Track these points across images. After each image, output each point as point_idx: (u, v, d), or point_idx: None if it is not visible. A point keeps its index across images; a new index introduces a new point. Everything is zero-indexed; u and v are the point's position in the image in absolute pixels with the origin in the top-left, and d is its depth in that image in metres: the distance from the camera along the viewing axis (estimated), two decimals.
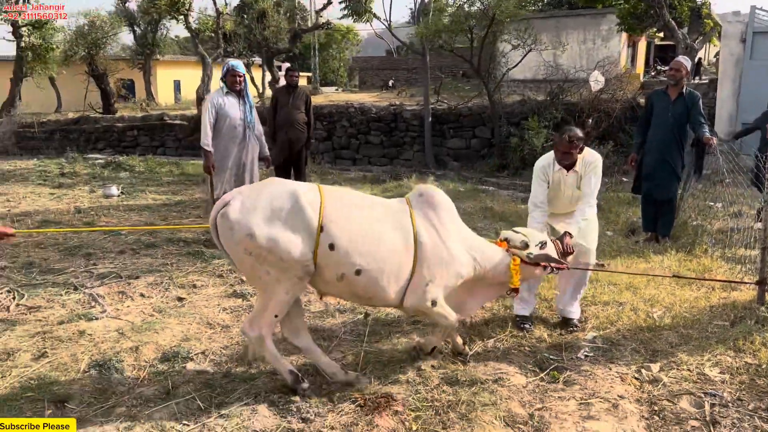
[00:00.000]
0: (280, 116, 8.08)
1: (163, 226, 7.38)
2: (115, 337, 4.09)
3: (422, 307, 3.42)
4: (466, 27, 11.32)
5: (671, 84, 6.30)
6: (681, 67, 6.21)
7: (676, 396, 3.38)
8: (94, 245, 6.50)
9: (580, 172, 4.21)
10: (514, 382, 3.54)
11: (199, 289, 5.15)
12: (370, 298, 3.36)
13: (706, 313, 4.52)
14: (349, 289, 3.28)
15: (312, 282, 3.27)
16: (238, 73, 6.11)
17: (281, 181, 3.37)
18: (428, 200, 3.46)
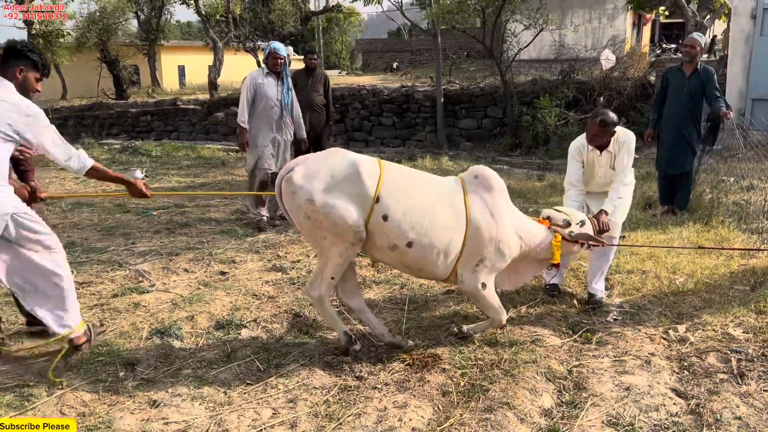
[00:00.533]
0: (299, 99, 8.24)
1: (236, 193, 7.61)
2: (169, 308, 4.33)
3: (473, 289, 3.56)
4: (478, 7, 11.45)
5: (686, 60, 6.47)
6: (696, 44, 6.37)
7: (703, 353, 3.61)
8: (130, 225, 6.74)
9: (614, 152, 4.29)
10: (551, 342, 3.78)
11: (239, 264, 5.38)
12: (420, 269, 3.54)
13: (726, 278, 4.74)
14: (400, 260, 3.46)
15: (365, 248, 3.47)
16: (280, 56, 6.27)
17: (344, 152, 3.51)
18: (483, 182, 3.58)
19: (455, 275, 3.55)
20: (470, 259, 3.50)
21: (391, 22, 44.32)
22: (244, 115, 6.28)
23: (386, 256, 3.48)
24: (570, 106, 11.98)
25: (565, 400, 3.16)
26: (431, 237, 3.37)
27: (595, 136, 4.24)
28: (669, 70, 6.84)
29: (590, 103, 12.14)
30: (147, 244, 6.04)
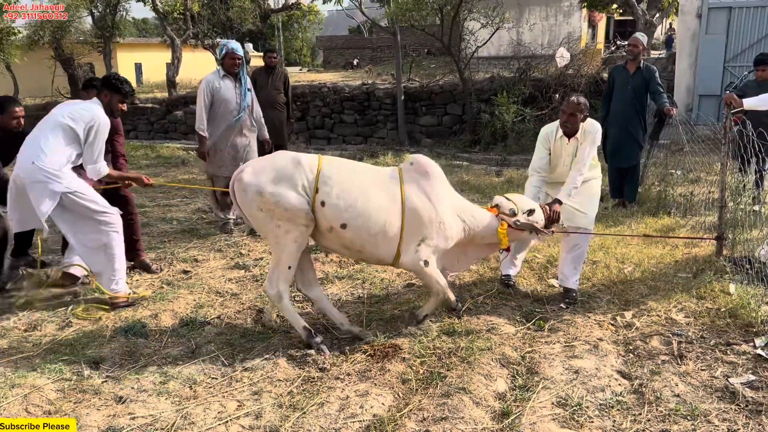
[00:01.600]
0: (260, 97, 8.19)
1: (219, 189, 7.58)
2: (133, 307, 4.37)
3: (416, 267, 3.79)
4: (436, 6, 11.62)
5: (629, 59, 6.81)
6: (638, 43, 6.72)
7: (647, 337, 3.83)
8: None
9: (580, 139, 4.37)
10: (505, 331, 3.95)
11: (201, 263, 5.44)
12: (358, 250, 3.75)
13: (671, 267, 5.00)
14: (339, 241, 3.70)
15: (313, 236, 3.72)
16: (237, 56, 5.99)
17: (288, 152, 3.81)
18: (419, 168, 3.82)
19: (399, 258, 3.78)
20: (411, 239, 3.74)
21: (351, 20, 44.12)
22: (202, 122, 6.01)
23: (327, 240, 3.74)
24: (527, 103, 12.26)
25: (518, 384, 3.33)
26: (364, 218, 3.62)
27: (571, 116, 4.28)
28: (615, 69, 7.16)
29: (546, 99, 12.44)
30: None
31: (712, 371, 3.38)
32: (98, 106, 4.38)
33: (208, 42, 28.02)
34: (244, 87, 6.16)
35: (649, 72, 6.67)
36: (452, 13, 11.83)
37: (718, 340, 3.72)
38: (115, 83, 4.44)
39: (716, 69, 11.38)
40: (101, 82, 4.54)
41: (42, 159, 4.09)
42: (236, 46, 6.08)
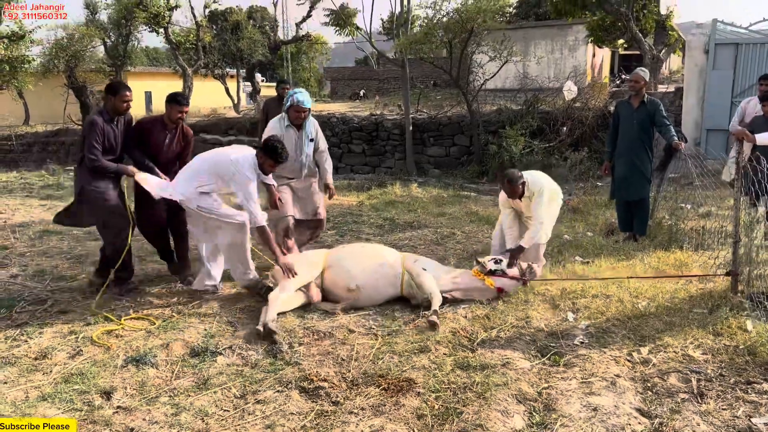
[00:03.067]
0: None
1: None
2: (144, 335, 4.34)
3: (417, 270, 5.05)
4: (446, 39, 11.76)
5: (632, 94, 6.85)
6: (639, 79, 6.75)
7: (665, 374, 3.77)
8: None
9: (529, 195, 5.49)
10: (521, 365, 3.90)
11: (212, 293, 5.41)
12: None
13: (686, 302, 4.94)
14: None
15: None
16: (304, 109, 5.70)
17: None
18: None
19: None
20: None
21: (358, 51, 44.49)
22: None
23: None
24: (534, 135, 12.33)
25: (535, 421, 3.27)
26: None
27: (510, 192, 5.48)
28: (619, 104, 7.20)
29: (553, 132, 12.51)
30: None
31: (734, 411, 3.31)
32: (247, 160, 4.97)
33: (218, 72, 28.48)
34: (306, 137, 5.86)
35: (653, 105, 6.69)
36: (461, 46, 11.97)
37: (738, 379, 3.66)
38: (274, 150, 4.95)
39: (724, 104, 11.43)
40: (262, 145, 5.04)
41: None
42: (303, 99, 5.71)
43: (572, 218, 8.46)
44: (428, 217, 9.00)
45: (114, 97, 5.13)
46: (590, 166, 11.52)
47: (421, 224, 8.44)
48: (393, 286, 5.04)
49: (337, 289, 4.97)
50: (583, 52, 24.33)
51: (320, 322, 4.64)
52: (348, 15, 14.02)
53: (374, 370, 3.84)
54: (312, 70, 48.41)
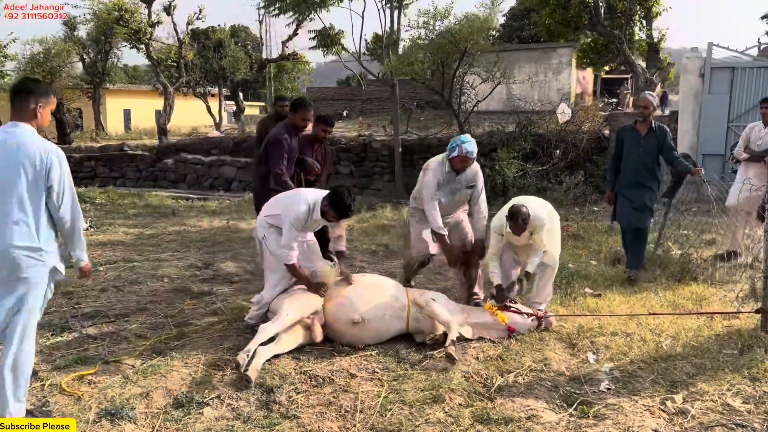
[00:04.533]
0: None
1: None
2: (120, 382, 3.86)
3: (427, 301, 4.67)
4: (438, 60, 11.47)
5: (640, 120, 6.31)
6: (649, 104, 6.26)
7: (708, 428, 3.38)
8: (72, 282, 6.16)
9: (529, 230, 4.98)
10: (547, 418, 3.49)
11: (196, 328, 4.93)
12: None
13: (712, 341, 4.58)
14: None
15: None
16: (470, 158, 5.17)
17: None
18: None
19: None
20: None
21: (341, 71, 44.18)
22: (439, 221, 5.16)
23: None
24: (527, 158, 12.04)
25: None
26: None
27: (512, 228, 4.91)
28: (623, 130, 6.60)
29: (546, 155, 12.24)
30: (92, 304, 5.53)
31: None
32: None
33: (199, 90, 28.03)
34: (464, 184, 5.32)
35: (662, 132, 6.25)
36: (453, 66, 11.68)
37: None
38: (340, 203, 4.55)
39: (720, 128, 11.26)
40: (329, 194, 4.64)
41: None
42: (473, 150, 5.12)
43: (574, 245, 8.10)
44: None
45: (295, 114, 5.51)
46: (585, 190, 11.22)
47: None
48: (399, 319, 4.61)
49: (339, 324, 4.53)
50: (567, 75, 24.30)
51: (317, 365, 4.19)
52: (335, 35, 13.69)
53: (383, 424, 3.40)
54: (294, 89, 48.18)
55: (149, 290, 6.00)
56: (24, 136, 3.19)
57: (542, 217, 5.02)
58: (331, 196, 4.60)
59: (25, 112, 3.25)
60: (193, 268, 6.90)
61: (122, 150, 16.68)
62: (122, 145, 17.06)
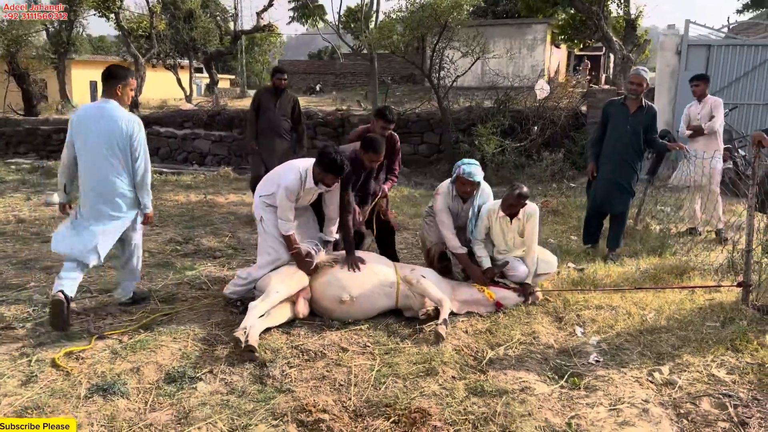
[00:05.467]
0: (262, 121, 7.54)
1: None
2: (110, 358, 3.79)
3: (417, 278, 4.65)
4: (419, 34, 11.35)
5: (631, 97, 6.17)
6: (642, 81, 6.11)
7: (696, 398, 3.46)
8: (51, 258, 6.04)
9: (522, 220, 4.96)
10: (540, 390, 3.53)
11: (183, 303, 4.87)
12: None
13: (695, 314, 4.67)
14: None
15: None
16: (470, 183, 4.94)
17: None
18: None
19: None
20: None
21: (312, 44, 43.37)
22: (455, 240, 5.08)
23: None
24: (505, 135, 12.06)
25: None
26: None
27: (512, 206, 4.86)
28: (612, 104, 6.43)
29: (524, 131, 12.27)
30: None
31: None
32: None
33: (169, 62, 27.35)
34: (474, 211, 5.12)
35: (652, 112, 6.17)
36: (433, 40, 11.58)
37: None
38: (331, 163, 4.45)
39: None
40: (317, 157, 4.56)
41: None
42: (471, 171, 4.91)
43: (554, 221, 8.19)
44: (404, 218, 8.60)
45: (365, 153, 4.89)
46: (563, 167, 11.32)
47: (398, 226, 8.02)
48: (388, 296, 4.60)
49: (327, 301, 4.50)
50: (541, 51, 24.34)
51: (309, 340, 4.18)
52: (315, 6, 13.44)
53: (378, 397, 3.41)
54: (264, 62, 47.37)
55: None
56: (113, 110, 4.25)
57: (533, 204, 5.03)
58: (319, 158, 4.52)
59: (111, 92, 4.28)
60: (173, 242, 6.79)
61: None
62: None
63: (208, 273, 5.68)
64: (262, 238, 4.79)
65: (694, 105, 7.43)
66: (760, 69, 11.14)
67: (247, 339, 3.78)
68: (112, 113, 4.23)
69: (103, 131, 4.20)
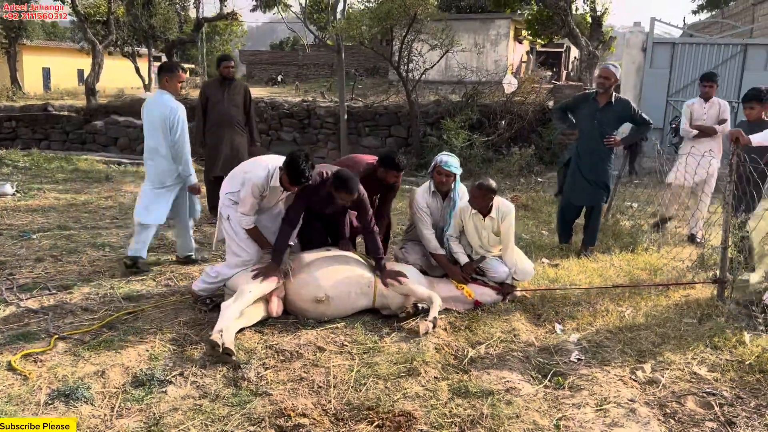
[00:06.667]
0: (211, 115, 7.03)
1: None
2: (71, 360, 3.56)
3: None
4: (387, 26, 11.19)
5: (600, 91, 6.08)
6: (610, 75, 6.00)
7: (681, 397, 3.42)
8: (5, 252, 5.73)
9: (496, 218, 4.77)
10: (525, 391, 3.44)
11: (148, 300, 4.64)
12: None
13: (672, 310, 4.67)
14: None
15: None
16: (447, 173, 4.79)
17: None
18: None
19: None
20: None
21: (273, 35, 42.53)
22: (434, 242, 4.93)
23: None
24: (473, 129, 12.02)
25: None
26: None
27: (477, 198, 4.69)
28: (583, 98, 6.32)
29: (492, 126, 12.26)
30: (29, 275, 5.12)
31: None
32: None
33: (127, 50, 26.59)
34: (454, 203, 4.96)
35: (622, 105, 6.05)
36: (402, 32, 11.44)
37: (759, 402, 3.36)
38: (295, 171, 4.25)
39: (660, 103, 11.55)
40: (286, 159, 4.33)
41: None
42: (448, 160, 4.81)
43: (524, 215, 8.16)
44: None
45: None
46: (530, 161, 11.34)
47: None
48: (366, 296, 4.45)
49: (302, 301, 4.33)
50: (504, 47, 24.49)
51: (283, 339, 4.01)
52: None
53: (359, 399, 3.27)
54: (226, 52, 46.55)
55: (90, 260, 5.61)
56: (165, 99, 5.12)
57: (509, 203, 4.85)
58: (287, 160, 4.28)
59: (162, 84, 5.20)
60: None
61: (46, 110, 15.62)
62: (46, 105, 15.97)
63: (173, 269, 5.44)
64: (229, 237, 4.57)
65: (698, 103, 7.00)
66: (722, 67, 11.34)
67: (223, 342, 3.59)
68: (158, 100, 5.15)
69: (155, 115, 5.11)
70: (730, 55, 11.23)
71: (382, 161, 4.80)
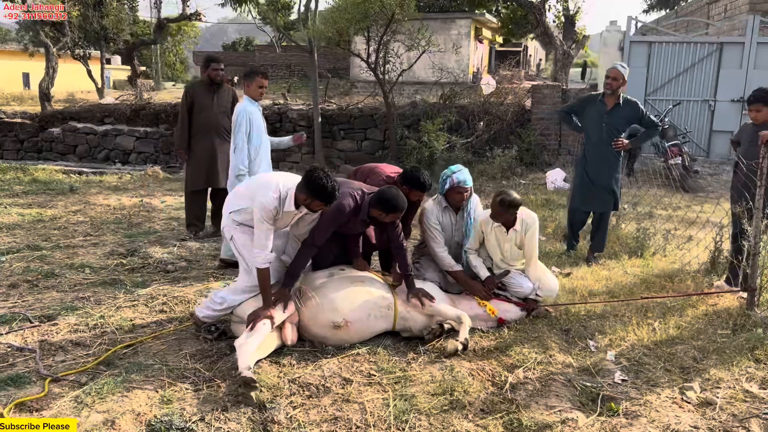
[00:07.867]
0: (198, 121, 6.51)
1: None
2: (73, 407, 3.13)
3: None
4: (364, 26, 10.85)
5: (607, 93, 5.95)
6: (619, 76, 5.85)
7: (743, 420, 3.21)
8: None
9: (520, 231, 4.54)
10: (581, 422, 3.18)
11: (144, 330, 4.21)
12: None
13: (702, 321, 4.49)
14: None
15: None
16: (466, 190, 4.58)
17: None
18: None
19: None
20: None
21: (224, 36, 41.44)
22: (448, 259, 4.65)
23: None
24: (452, 131, 11.79)
25: None
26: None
27: (499, 215, 4.45)
28: (589, 100, 6.16)
29: (471, 127, 12.06)
30: (4, 303, 4.63)
31: None
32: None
33: (78, 52, 25.48)
34: (468, 222, 4.74)
35: (631, 107, 5.92)
36: (379, 33, 11.12)
37: None
38: (320, 189, 3.79)
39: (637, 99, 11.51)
40: (304, 179, 3.86)
41: None
42: (465, 178, 4.57)
43: None
44: None
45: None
46: (512, 163, 11.18)
47: None
48: (385, 318, 4.12)
49: (318, 327, 3.97)
50: (466, 47, 24.41)
51: (305, 371, 3.65)
52: None
53: None
54: (178, 53, 45.29)
55: (71, 284, 5.13)
56: (243, 103, 5.51)
57: (533, 214, 4.61)
58: (307, 182, 3.81)
59: (245, 89, 5.56)
60: (116, 255, 6.03)
61: None
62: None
63: (166, 291, 5.00)
64: (241, 258, 4.15)
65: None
66: (698, 66, 11.40)
67: (251, 377, 3.23)
68: (242, 105, 5.52)
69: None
70: (707, 54, 11.30)
71: (406, 179, 4.47)
